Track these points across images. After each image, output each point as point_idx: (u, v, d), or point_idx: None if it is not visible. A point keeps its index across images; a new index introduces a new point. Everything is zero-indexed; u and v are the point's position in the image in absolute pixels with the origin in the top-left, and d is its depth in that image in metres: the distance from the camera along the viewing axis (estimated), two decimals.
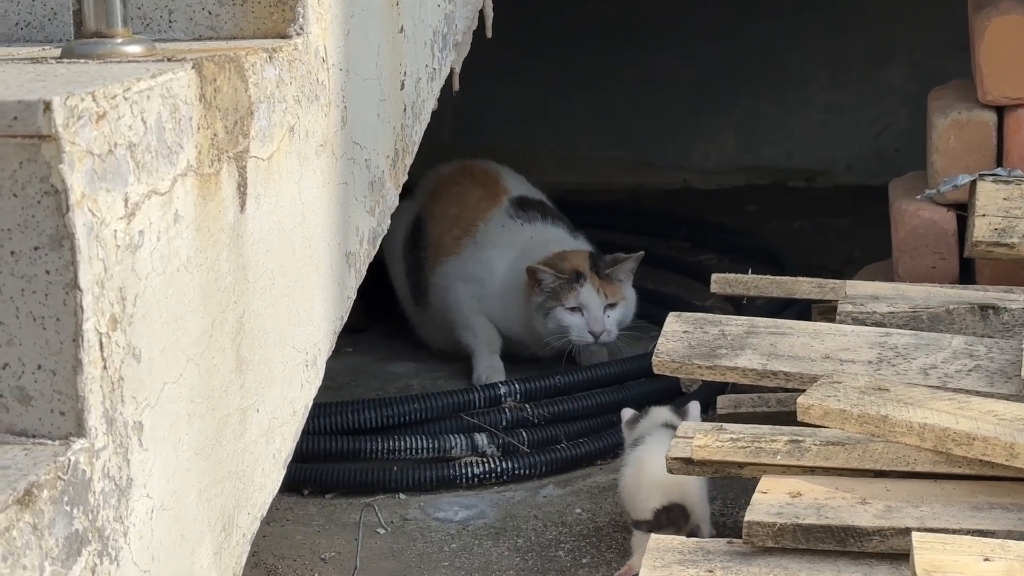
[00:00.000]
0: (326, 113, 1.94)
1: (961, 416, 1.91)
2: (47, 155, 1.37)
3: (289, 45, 1.84)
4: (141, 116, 1.49)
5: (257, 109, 1.74)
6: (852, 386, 2.02)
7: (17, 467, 1.36)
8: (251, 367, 1.75)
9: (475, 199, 3.26)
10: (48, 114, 1.36)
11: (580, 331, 3.00)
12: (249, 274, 1.74)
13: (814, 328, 2.29)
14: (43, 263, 1.40)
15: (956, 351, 2.19)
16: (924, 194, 2.70)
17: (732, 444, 2.01)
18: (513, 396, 2.74)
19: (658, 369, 2.27)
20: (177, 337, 1.57)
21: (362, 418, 2.66)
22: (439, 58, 2.41)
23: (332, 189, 1.98)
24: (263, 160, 1.77)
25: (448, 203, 3.27)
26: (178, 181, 1.57)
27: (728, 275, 2.63)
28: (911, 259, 2.74)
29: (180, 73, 1.57)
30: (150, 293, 1.51)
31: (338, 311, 2.01)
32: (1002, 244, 2.50)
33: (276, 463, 1.83)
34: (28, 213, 1.39)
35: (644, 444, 2.30)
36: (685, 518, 2.19)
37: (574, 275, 3.03)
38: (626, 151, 4.85)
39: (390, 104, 2.18)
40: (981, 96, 2.73)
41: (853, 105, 4.72)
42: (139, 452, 1.50)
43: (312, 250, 1.92)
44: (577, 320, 3.02)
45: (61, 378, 1.41)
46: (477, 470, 2.61)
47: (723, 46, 4.73)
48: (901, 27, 4.62)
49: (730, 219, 4.21)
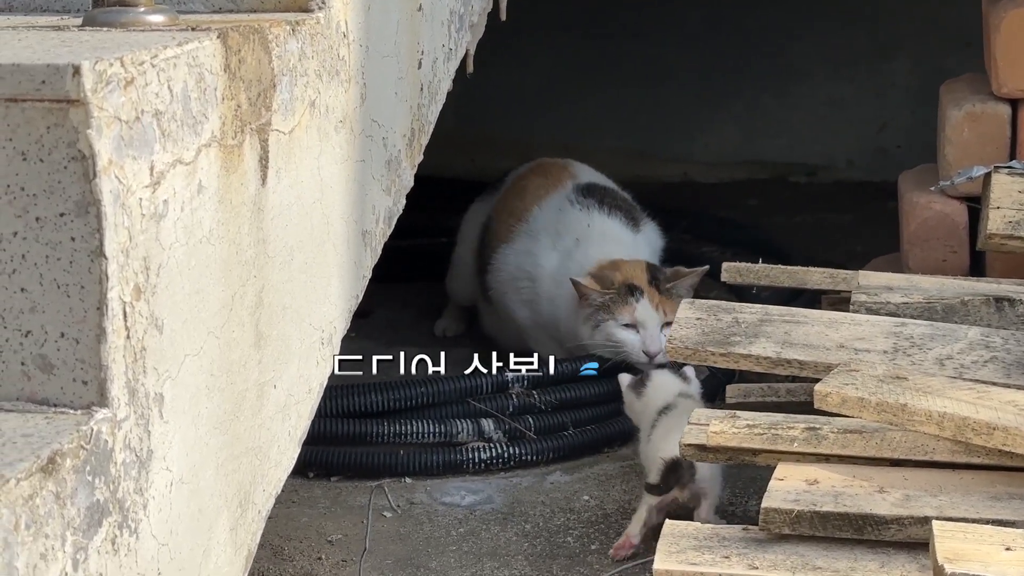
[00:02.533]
0: (346, 89, 1.92)
1: (981, 406, 1.90)
2: (75, 120, 1.35)
3: (311, 19, 1.82)
4: (168, 84, 1.47)
5: (280, 82, 1.72)
6: (870, 374, 2.01)
7: (40, 435, 1.34)
8: (269, 342, 1.73)
9: (535, 187, 3.13)
10: (77, 78, 1.34)
11: (634, 349, 2.78)
12: (269, 248, 1.72)
13: (829, 317, 2.28)
14: (68, 230, 1.38)
15: (972, 342, 2.18)
16: (938, 185, 2.69)
17: (748, 431, 2.00)
18: (520, 382, 2.73)
19: (671, 355, 2.26)
20: (198, 309, 1.55)
21: (369, 401, 2.65)
22: (455, 38, 2.39)
23: (350, 166, 1.96)
24: (284, 134, 1.75)
25: (512, 197, 3.15)
26: (202, 151, 1.55)
27: (739, 264, 2.62)
28: (922, 251, 2.73)
29: (206, 42, 1.55)
30: (173, 264, 1.50)
31: (354, 289, 2.00)
32: (1016, 237, 2.49)
33: (291, 441, 1.81)
34: (54, 179, 1.37)
35: (675, 412, 2.34)
36: (691, 473, 2.22)
37: (627, 289, 2.83)
38: (628, 142, 4.84)
39: (407, 83, 2.16)
40: (996, 88, 2.72)
41: (856, 100, 4.71)
42: (160, 424, 1.48)
43: (330, 227, 1.90)
44: (632, 337, 2.79)
45: (84, 347, 1.39)
46: (484, 455, 2.59)
47: (727, 38, 4.72)
48: (905, 23, 4.61)
49: (731, 213, 4.20)
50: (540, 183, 3.15)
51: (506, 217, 3.12)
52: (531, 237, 3.04)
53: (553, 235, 3.03)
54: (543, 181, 3.16)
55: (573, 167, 3.23)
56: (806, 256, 3.67)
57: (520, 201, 3.13)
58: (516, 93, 4.78)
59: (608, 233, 3.02)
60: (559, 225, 3.04)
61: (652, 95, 4.79)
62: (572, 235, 3.01)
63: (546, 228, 3.04)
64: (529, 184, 3.17)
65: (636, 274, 2.87)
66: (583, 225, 3.02)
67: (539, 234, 3.04)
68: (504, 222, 3.11)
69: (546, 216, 3.06)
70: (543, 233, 3.04)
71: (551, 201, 3.08)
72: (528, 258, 3.03)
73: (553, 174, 3.18)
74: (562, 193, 3.10)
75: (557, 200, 3.08)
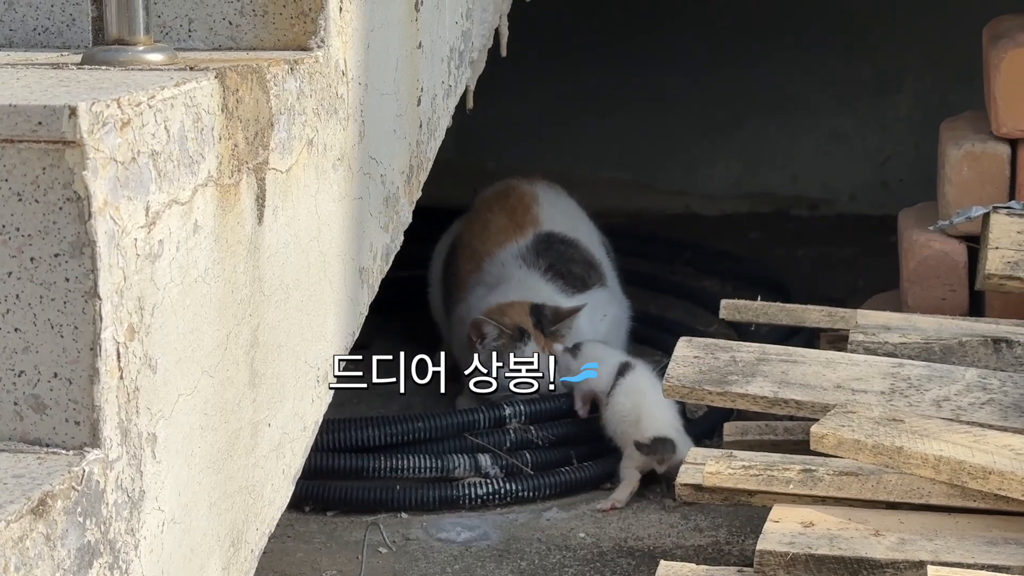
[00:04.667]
0: (344, 127, 1.93)
1: (977, 449, 1.90)
2: (71, 161, 1.36)
3: (310, 58, 1.82)
4: (164, 124, 1.48)
5: (277, 121, 1.73)
6: (866, 416, 2.01)
7: (31, 476, 1.34)
8: (264, 381, 1.73)
9: (497, 230, 3.09)
10: (73, 120, 1.34)
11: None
12: (265, 287, 1.72)
13: (826, 357, 2.27)
14: (63, 270, 1.38)
15: (969, 384, 2.18)
16: (937, 225, 2.69)
17: (744, 471, 2.00)
18: (518, 417, 2.72)
19: (668, 394, 2.25)
20: (193, 348, 1.55)
21: (365, 436, 2.64)
22: (455, 75, 2.40)
23: (348, 204, 1.96)
24: (282, 172, 1.75)
25: (475, 232, 3.12)
26: (198, 191, 1.55)
27: (737, 301, 2.62)
28: (921, 290, 2.73)
29: (203, 82, 1.56)
30: (168, 303, 1.50)
31: (350, 327, 2.00)
32: (1015, 277, 2.49)
33: (285, 479, 1.81)
34: (49, 219, 1.37)
35: (634, 374, 2.69)
36: (672, 450, 2.56)
37: (517, 332, 2.83)
38: (629, 173, 4.84)
39: (406, 120, 2.17)
40: (995, 128, 2.72)
41: (858, 133, 4.72)
42: (152, 464, 1.48)
43: (327, 264, 1.90)
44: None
45: (77, 387, 1.39)
46: (480, 491, 2.59)
47: (729, 70, 4.73)
48: (908, 57, 4.62)
49: (733, 246, 4.19)
50: (503, 225, 3.10)
51: (467, 259, 3.09)
52: (483, 290, 3.02)
53: (496, 292, 2.99)
54: (506, 223, 3.10)
55: (539, 204, 3.14)
56: (807, 290, 3.68)
57: (481, 244, 3.09)
58: (516, 123, 4.79)
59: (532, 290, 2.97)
60: (502, 280, 3.01)
61: (654, 126, 4.80)
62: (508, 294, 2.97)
63: (487, 283, 3.02)
64: (492, 223, 3.12)
65: (521, 317, 2.85)
66: (522, 286, 2.98)
67: (485, 289, 3.01)
68: (464, 266, 3.09)
69: (496, 271, 3.03)
70: (489, 289, 3.01)
71: (507, 253, 3.05)
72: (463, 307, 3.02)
73: (519, 214, 3.12)
74: (520, 244, 3.05)
75: (511, 253, 3.04)
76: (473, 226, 3.16)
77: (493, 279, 3.07)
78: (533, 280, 3.03)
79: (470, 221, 3.19)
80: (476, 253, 3.11)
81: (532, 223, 3.10)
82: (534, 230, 3.09)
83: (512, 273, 3.05)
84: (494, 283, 3.05)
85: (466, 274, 3.12)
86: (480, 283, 3.08)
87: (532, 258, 3.06)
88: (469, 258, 3.12)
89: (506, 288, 2.99)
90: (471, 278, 3.10)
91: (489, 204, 3.20)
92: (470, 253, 3.13)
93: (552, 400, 2.79)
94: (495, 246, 3.10)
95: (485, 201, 3.22)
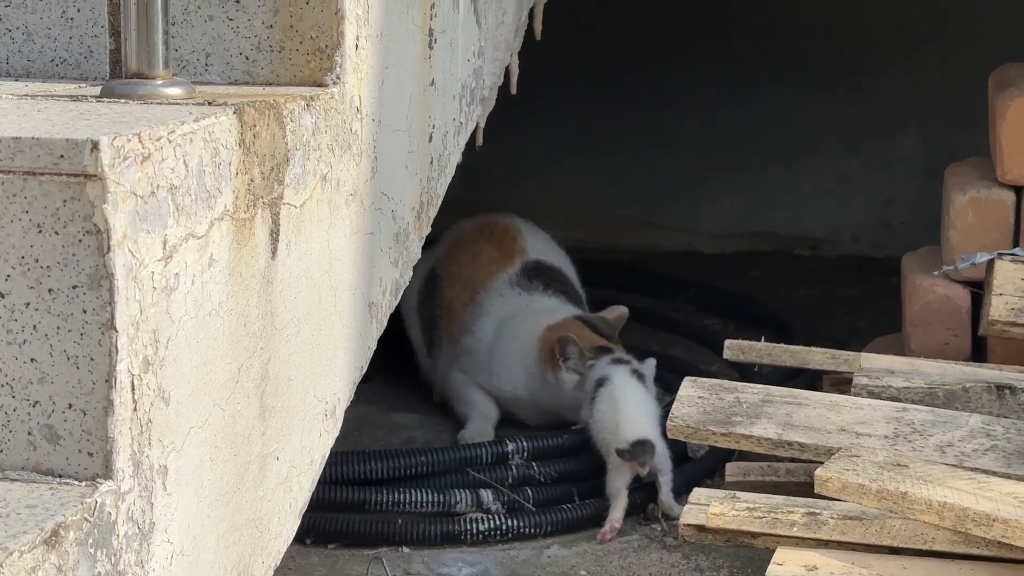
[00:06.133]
0: (357, 163, 1.94)
1: (981, 496, 1.91)
2: (91, 194, 1.37)
3: (326, 94, 1.84)
4: (183, 159, 1.49)
5: (293, 156, 1.74)
6: (871, 460, 2.01)
7: (44, 507, 1.34)
8: (274, 414, 1.74)
9: (489, 260, 3.17)
10: (95, 154, 1.36)
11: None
12: (276, 320, 1.73)
13: (831, 400, 2.28)
14: (80, 302, 1.39)
15: (973, 430, 2.19)
16: (941, 270, 2.70)
17: (748, 513, 2.00)
18: (520, 453, 2.73)
19: (672, 434, 2.26)
20: (205, 381, 1.56)
21: (368, 469, 2.64)
22: (466, 112, 2.41)
23: (359, 239, 1.97)
24: (296, 207, 1.76)
25: (462, 264, 3.19)
26: (215, 225, 1.56)
27: (741, 342, 2.63)
28: (924, 334, 2.74)
29: (222, 118, 1.57)
30: (182, 336, 1.51)
31: (359, 361, 2.00)
32: (1018, 324, 2.50)
33: (292, 512, 1.81)
34: (68, 251, 1.38)
35: (612, 384, 2.76)
36: (652, 452, 2.64)
37: (598, 349, 2.90)
38: (633, 210, 4.86)
39: (418, 156, 2.18)
40: (1000, 175, 2.74)
41: (862, 174, 4.74)
42: (163, 496, 1.48)
43: (337, 299, 1.91)
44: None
45: (91, 418, 1.40)
46: (482, 526, 2.59)
47: (734, 109, 4.75)
48: (913, 99, 4.64)
49: (735, 284, 4.21)
50: (495, 256, 3.17)
51: (458, 292, 3.14)
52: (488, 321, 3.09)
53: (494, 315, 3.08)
54: (497, 254, 3.18)
55: (523, 236, 3.24)
56: (809, 330, 3.69)
57: (473, 275, 3.15)
58: (521, 158, 4.81)
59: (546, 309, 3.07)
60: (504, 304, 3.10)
61: (659, 163, 4.82)
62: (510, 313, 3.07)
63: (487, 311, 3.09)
64: (482, 254, 3.19)
65: (587, 332, 2.95)
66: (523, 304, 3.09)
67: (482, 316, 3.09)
68: (457, 298, 3.14)
69: (494, 301, 3.11)
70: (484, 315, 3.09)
71: (500, 282, 3.13)
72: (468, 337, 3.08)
73: (506, 245, 3.20)
74: (511, 273, 3.14)
75: (505, 281, 3.13)
76: (459, 259, 3.20)
77: (494, 308, 3.11)
78: (540, 300, 3.11)
79: (452, 255, 3.22)
80: (468, 285, 3.14)
81: (520, 252, 3.20)
82: (522, 259, 3.18)
83: (514, 299, 3.11)
84: (498, 312, 3.09)
85: (460, 307, 3.14)
86: (482, 314, 3.11)
87: (527, 283, 3.14)
88: (461, 290, 3.15)
89: (527, 312, 3.06)
90: (467, 311, 3.13)
91: (473, 237, 3.26)
92: (461, 286, 3.16)
93: (554, 436, 2.80)
94: (488, 277, 3.15)
95: (467, 234, 3.27)
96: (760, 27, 4.69)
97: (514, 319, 3.06)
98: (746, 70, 4.72)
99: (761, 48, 4.70)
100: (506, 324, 3.06)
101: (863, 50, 4.63)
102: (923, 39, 4.57)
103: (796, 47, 4.67)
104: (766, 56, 4.70)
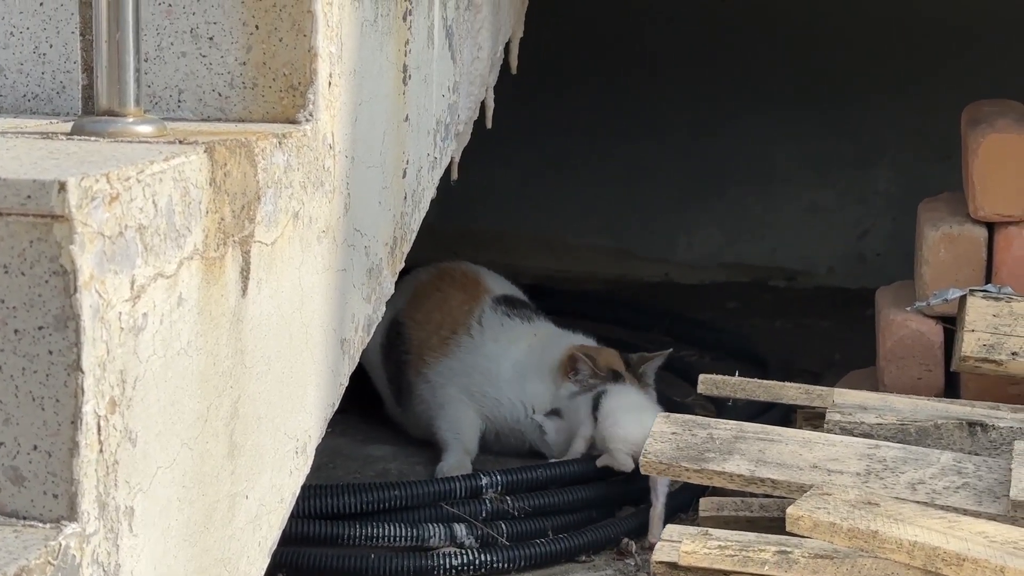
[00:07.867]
0: (330, 199, 1.94)
1: (951, 536, 1.91)
2: (58, 235, 1.36)
3: (298, 131, 1.84)
4: (152, 199, 1.49)
5: (264, 194, 1.74)
6: (842, 499, 2.01)
7: (7, 550, 1.33)
8: (243, 453, 1.73)
9: (460, 301, 3.22)
10: (63, 194, 1.35)
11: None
12: (247, 359, 1.72)
13: (804, 436, 2.28)
14: (46, 343, 1.38)
15: (944, 467, 2.19)
16: (914, 306, 2.71)
17: (720, 551, 2.00)
18: (495, 487, 2.72)
19: (645, 470, 2.26)
20: (173, 421, 1.56)
21: (341, 503, 2.63)
22: (440, 147, 2.42)
23: (331, 275, 1.97)
24: (267, 245, 1.76)
25: (431, 308, 3.22)
26: (184, 264, 1.56)
27: (716, 376, 2.63)
28: (897, 369, 2.75)
29: (192, 157, 1.57)
30: (150, 376, 1.50)
31: (330, 398, 2.00)
32: (990, 360, 2.51)
33: (261, 551, 1.80)
34: (35, 292, 1.38)
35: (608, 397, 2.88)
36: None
37: (611, 374, 2.98)
38: (609, 240, 4.87)
39: (391, 192, 2.18)
40: (972, 211, 2.75)
41: (837, 206, 4.76)
42: (129, 538, 1.47)
43: (308, 336, 1.91)
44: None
45: (56, 460, 1.39)
46: (455, 561, 2.58)
47: (710, 141, 4.77)
48: (888, 131, 4.67)
49: (711, 315, 4.21)
50: (463, 298, 3.22)
51: (435, 329, 3.18)
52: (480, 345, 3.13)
53: (506, 341, 3.14)
54: (464, 296, 3.23)
55: (483, 277, 3.31)
56: (784, 361, 3.70)
57: (443, 315, 3.19)
58: (498, 189, 4.82)
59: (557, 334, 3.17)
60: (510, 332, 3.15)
61: (635, 194, 4.83)
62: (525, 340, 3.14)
63: (496, 338, 3.14)
64: (449, 298, 3.23)
65: (614, 360, 3.03)
66: (531, 332, 3.16)
67: (489, 343, 3.13)
68: (436, 334, 3.17)
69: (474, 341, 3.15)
70: (492, 342, 3.14)
71: (474, 320, 3.18)
72: (483, 360, 3.12)
73: (470, 287, 3.26)
74: (482, 309, 3.19)
75: (479, 319, 3.18)
76: (424, 306, 3.23)
77: (474, 346, 3.12)
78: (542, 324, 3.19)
79: (416, 303, 3.25)
80: (440, 328, 3.16)
81: (485, 291, 3.25)
82: (489, 296, 3.23)
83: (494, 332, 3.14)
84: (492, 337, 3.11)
85: (437, 343, 3.15)
86: (466, 352, 3.13)
87: (500, 315, 3.18)
88: (432, 334, 3.16)
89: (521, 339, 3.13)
90: (445, 347, 3.15)
91: (435, 284, 3.30)
92: (433, 328, 3.17)
93: (529, 470, 2.79)
94: (462, 316, 3.18)
95: (430, 283, 3.30)
96: (737, 59, 4.71)
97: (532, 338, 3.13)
98: (723, 102, 4.74)
99: (738, 80, 4.72)
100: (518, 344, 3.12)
101: (840, 83, 4.65)
102: (899, 73, 4.60)
103: (771, 80, 4.70)
104: (743, 88, 4.72)
